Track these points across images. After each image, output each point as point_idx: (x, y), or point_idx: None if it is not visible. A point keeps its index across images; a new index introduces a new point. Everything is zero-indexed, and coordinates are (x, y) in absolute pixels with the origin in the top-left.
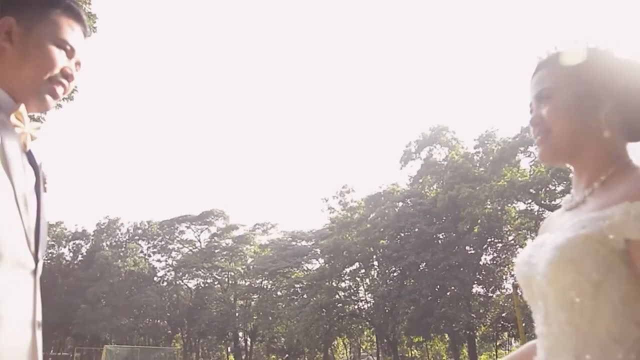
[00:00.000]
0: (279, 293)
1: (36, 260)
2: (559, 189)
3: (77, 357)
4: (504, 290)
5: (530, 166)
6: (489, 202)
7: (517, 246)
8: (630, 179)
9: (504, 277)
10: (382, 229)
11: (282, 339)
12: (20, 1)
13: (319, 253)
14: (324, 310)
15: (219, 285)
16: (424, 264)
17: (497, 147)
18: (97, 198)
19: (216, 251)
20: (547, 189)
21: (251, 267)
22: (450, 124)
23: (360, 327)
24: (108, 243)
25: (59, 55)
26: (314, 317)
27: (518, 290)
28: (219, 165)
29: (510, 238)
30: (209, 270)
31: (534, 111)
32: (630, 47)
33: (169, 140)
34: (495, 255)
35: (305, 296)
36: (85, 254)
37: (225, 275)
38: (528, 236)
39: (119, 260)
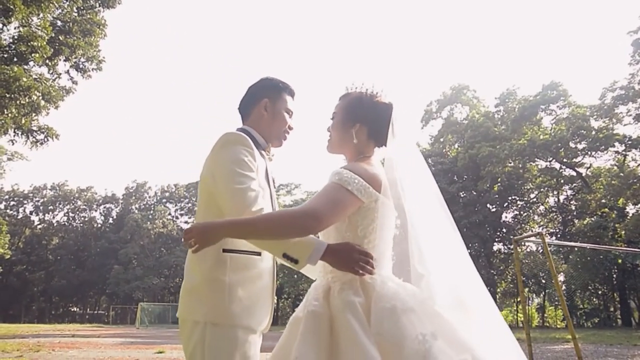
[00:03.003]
0: None
1: None
2: (580, 146)
3: (112, 315)
4: (524, 247)
5: (552, 124)
6: (510, 161)
7: (539, 204)
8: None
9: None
10: None
11: None
12: (269, 89)
13: None
14: None
15: None
16: None
17: (518, 106)
18: (124, 162)
19: None
20: (568, 146)
21: None
22: (471, 82)
23: None
24: (137, 206)
25: (287, 118)
26: None
27: (518, 246)
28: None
29: (532, 196)
30: None
31: (329, 125)
32: (392, 92)
33: (194, 104)
34: (516, 212)
35: None
36: (115, 217)
37: None
38: (549, 194)
39: (148, 223)
